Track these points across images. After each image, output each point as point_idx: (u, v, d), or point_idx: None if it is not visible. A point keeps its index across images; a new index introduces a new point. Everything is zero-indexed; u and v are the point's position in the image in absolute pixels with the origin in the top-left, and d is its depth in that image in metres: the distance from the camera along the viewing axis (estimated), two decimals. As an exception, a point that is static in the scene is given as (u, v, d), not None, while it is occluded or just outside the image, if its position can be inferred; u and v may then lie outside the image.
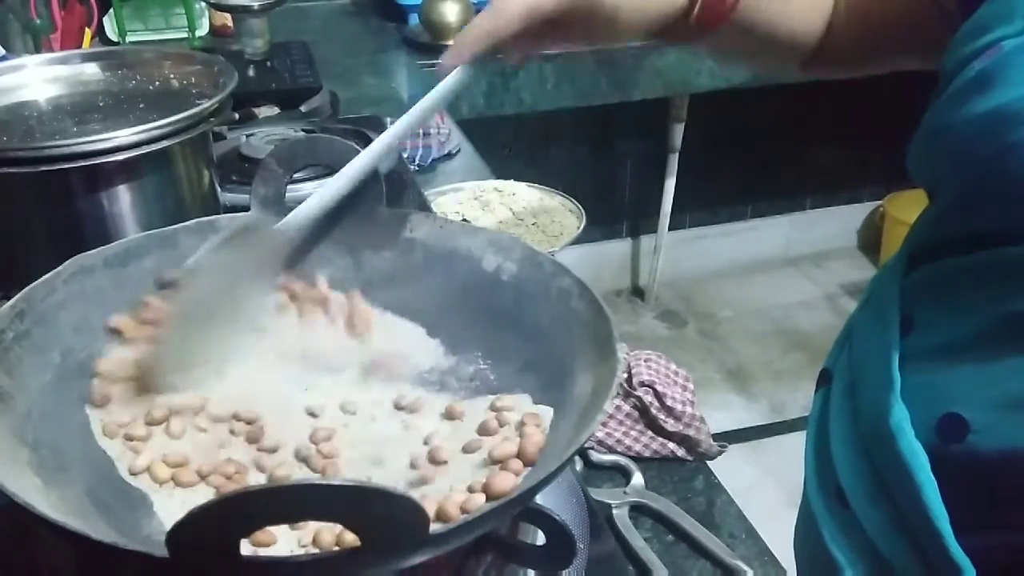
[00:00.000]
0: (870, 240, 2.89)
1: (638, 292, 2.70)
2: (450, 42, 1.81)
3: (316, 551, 0.43)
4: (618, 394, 0.93)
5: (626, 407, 0.92)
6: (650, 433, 0.91)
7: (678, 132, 2.28)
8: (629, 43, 0.60)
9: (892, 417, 0.47)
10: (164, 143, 0.69)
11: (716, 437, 0.93)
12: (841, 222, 2.89)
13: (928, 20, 0.56)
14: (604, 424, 0.91)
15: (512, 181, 1.15)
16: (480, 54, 0.57)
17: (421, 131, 1.30)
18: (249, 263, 0.56)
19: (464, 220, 1.03)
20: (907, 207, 2.57)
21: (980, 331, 0.45)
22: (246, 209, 0.61)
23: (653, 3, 0.56)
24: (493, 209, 1.08)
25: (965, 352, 0.46)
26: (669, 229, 2.46)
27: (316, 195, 0.57)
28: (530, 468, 0.48)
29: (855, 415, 0.52)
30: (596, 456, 0.90)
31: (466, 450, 0.51)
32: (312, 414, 0.55)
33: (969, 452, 0.45)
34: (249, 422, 0.53)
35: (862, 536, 0.49)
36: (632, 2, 0.55)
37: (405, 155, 1.20)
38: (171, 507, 0.48)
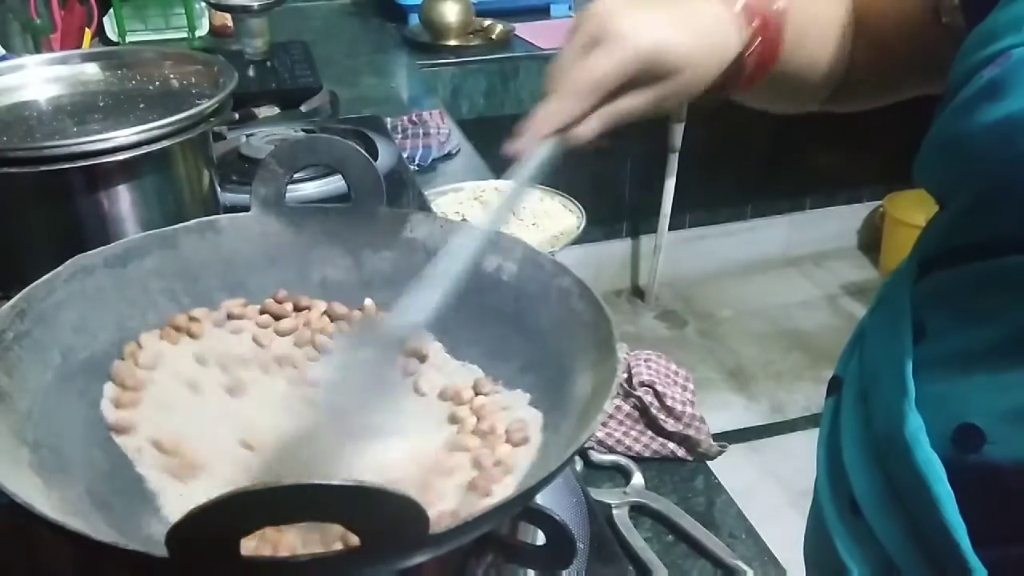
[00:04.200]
0: (870, 240, 2.89)
1: (638, 292, 2.70)
2: (451, 42, 1.82)
3: (316, 551, 0.43)
4: (618, 394, 0.92)
5: (626, 407, 0.92)
6: (650, 433, 0.91)
7: (678, 132, 2.28)
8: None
9: (907, 427, 0.46)
10: (164, 143, 0.69)
11: (716, 437, 0.93)
12: (841, 222, 2.89)
13: (942, 45, 0.55)
14: (604, 424, 0.91)
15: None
16: (555, 132, 0.53)
17: (421, 131, 1.29)
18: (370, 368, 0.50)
19: (464, 220, 1.03)
20: (907, 207, 2.57)
21: (994, 340, 0.45)
22: (246, 209, 0.61)
23: (715, 54, 0.55)
24: (493, 209, 1.08)
25: (979, 361, 0.46)
26: (669, 229, 2.46)
27: (427, 289, 0.48)
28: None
29: (867, 423, 0.51)
30: (596, 456, 0.90)
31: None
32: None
33: (985, 463, 0.44)
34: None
35: (875, 545, 0.49)
36: (698, 55, 0.53)
37: (405, 155, 1.20)
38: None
